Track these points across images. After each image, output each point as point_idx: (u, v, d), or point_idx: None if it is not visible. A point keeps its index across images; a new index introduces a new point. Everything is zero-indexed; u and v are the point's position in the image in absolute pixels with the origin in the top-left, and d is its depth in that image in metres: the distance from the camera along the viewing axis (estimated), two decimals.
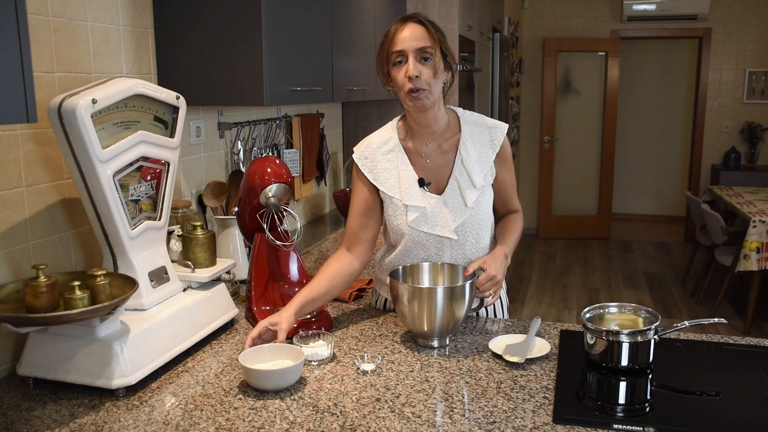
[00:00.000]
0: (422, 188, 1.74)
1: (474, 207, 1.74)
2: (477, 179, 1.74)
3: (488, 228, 1.81)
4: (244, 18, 1.90)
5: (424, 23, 1.64)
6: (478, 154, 1.76)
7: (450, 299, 1.56)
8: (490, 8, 5.06)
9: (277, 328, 1.57)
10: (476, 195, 1.74)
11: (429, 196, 1.74)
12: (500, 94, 5.42)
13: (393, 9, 3.29)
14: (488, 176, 1.78)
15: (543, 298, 5.44)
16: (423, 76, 1.61)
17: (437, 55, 1.63)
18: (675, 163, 8.35)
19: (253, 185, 1.78)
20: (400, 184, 1.74)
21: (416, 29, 1.63)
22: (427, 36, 1.62)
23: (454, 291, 1.58)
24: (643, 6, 6.83)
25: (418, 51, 1.62)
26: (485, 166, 1.76)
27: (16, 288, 1.44)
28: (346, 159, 3.78)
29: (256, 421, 1.29)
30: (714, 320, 1.59)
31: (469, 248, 1.79)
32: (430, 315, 1.57)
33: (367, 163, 1.77)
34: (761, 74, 6.89)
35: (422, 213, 1.72)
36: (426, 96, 1.63)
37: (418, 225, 1.73)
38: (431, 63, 1.63)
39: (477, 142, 1.77)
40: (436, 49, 1.63)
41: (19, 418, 1.32)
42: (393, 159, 1.76)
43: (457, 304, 1.58)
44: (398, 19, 1.68)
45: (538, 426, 1.26)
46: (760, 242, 4.43)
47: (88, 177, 1.44)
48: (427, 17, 1.69)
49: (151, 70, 2.01)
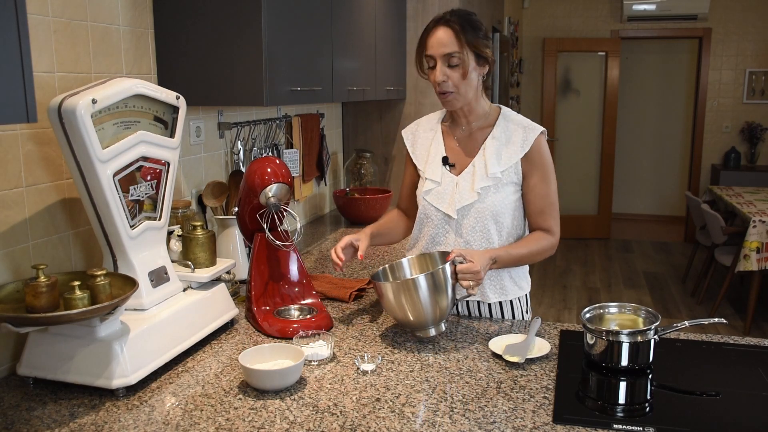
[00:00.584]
0: (444, 166, 1.83)
1: (482, 194, 1.76)
2: (492, 169, 1.76)
3: (498, 224, 1.79)
4: (244, 18, 1.90)
5: (453, 27, 1.68)
6: (504, 149, 1.78)
7: (432, 285, 1.58)
8: (490, 8, 5.06)
9: (358, 243, 1.78)
10: (486, 184, 1.76)
11: (447, 174, 1.82)
12: (500, 94, 5.42)
13: (393, 9, 3.29)
14: (510, 173, 1.78)
15: (543, 298, 5.44)
16: (451, 79, 1.71)
17: (466, 59, 1.69)
18: (675, 163, 8.35)
19: (253, 185, 1.78)
20: (428, 158, 1.86)
21: (445, 34, 1.69)
22: (454, 41, 1.68)
23: (434, 276, 1.59)
24: (643, 6, 6.83)
25: (445, 56, 1.69)
26: (509, 161, 1.77)
27: (16, 288, 1.44)
28: (346, 159, 3.78)
29: (256, 421, 1.29)
30: (714, 320, 1.59)
31: (472, 236, 1.80)
32: (416, 304, 1.59)
33: (410, 138, 1.94)
34: (761, 74, 6.90)
35: (436, 187, 1.82)
36: (454, 98, 1.74)
37: (429, 197, 1.83)
38: (459, 67, 1.70)
39: (507, 137, 1.79)
40: (465, 52, 1.69)
41: (19, 418, 1.32)
42: (430, 137, 1.89)
43: (439, 289, 1.59)
44: (432, 20, 1.74)
45: (538, 426, 1.26)
46: (760, 242, 4.43)
47: (88, 177, 1.44)
48: (462, 15, 1.72)
49: (151, 70, 2.01)
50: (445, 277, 1.61)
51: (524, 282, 1.93)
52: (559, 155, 7.47)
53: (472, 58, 1.71)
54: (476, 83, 1.76)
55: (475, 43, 1.70)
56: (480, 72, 1.75)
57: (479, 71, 1.75)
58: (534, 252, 1.80)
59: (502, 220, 1.79)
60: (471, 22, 1.71)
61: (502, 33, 5.52)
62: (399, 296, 1.60)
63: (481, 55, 1.72)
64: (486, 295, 1.86)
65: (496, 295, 1.86)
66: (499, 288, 1.86)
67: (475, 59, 1.72)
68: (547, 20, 7.33)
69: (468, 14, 1.74)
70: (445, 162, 1.84)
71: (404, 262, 1.81)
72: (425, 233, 1.87)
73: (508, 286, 1.87)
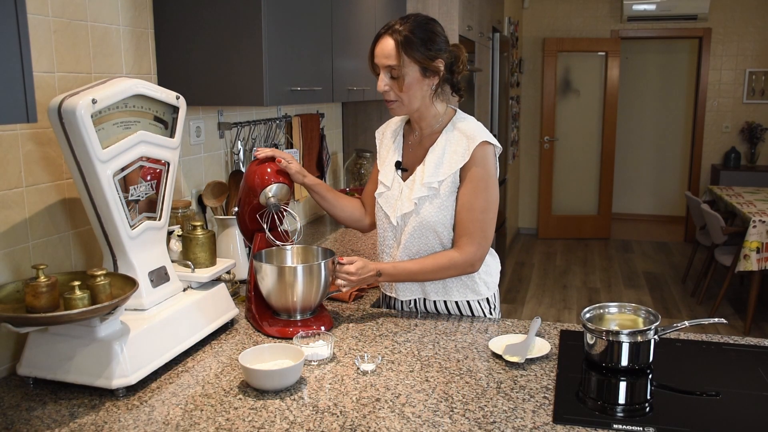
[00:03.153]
0: (397, 171, 1.84)
1: (418, 204, 1.75)
2: (427, 178, 1.74)
3: (438, 235, 1.77)
4: (244, 18, 1.90)
5: (396, 39, 1.65)
6: (445, 158, 1.74)
7: (308, 276, 1.69)
8: (490, 8, 5.06)
9: (290, 164, 1.79)
10: (422, 194, 1.74)
11: (397, 179, 1.83)
12: (500, 94, 5.42)
13: (393, 9, 3.29)
14: (449, 183, 1.74)
15: (543, 298, 5.44)
16: (393, 89, 1.71)
17: (406, 71, 1.67)
18: (675, 163, 8.35)
19: (253, 185, 1.78)
20: (386, 160, 1.88)
21: (387, 46, 1.67)
22: (394, 55, 1.66)
23: (312, 269, 1.70)
24: (643, 6, 6.83)
25: (387, 67, 1.69)
26: (448, 171, 1.73)
27: (16, 288, 1.44)
28: (346, 159, 3.78)
29: (256, 421, 1.29)
30: (714, 320, 1.60)
31: (411, 244, 1.79)
32: (293, 290, 1.69)
33: (379, 137, 1.95)
34: (761, 74, 6.89)
35: (386, 191, 1.84)
36: (397, 106, 1.74)
37: (380, 200, 1.85)
38: (400, 79, 1.68)
39: (450, 147, 1.75)
40: (405, 65, 1.66)
41: (19, 418, 1.32)
42: (393, 138, 1.90)
43: (311, 280, 1.70)
44: (384, 25, 1.72)
45: (538, 426, 1.26)
46: (760, 242, 4.43)
47: (88, 177, 1.44)
48: (414, 24, 1.66)
49: (151, 70, 2.01)
50: (320, 271, 1.70)
51: (481, 286, 1.85)
52: (559, 155, 7.47)
53: (417, 71, 1.67)
54: (423, 93, 1.71)
55: (419, 57, 1.65)
56: (429, 83, 1.71)
57: (427, 82, 1.70)
58: (428, 270, 1.75)
59: (441, 230, 1.76)
60: (421, 33, 1.66)
61: (502, 33, 5.52)
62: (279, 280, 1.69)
63: (427, 68, 1.68)
64: (427, 292, 1.85)
65: (437, 294, 1.85)
66: (441, 286, 1.84)
67: (420, 72, 1.68)
68: (547, 20, 7.33)
69: (420, 24, 1.67)
70: (398, 166, 1.83)
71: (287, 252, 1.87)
72: (377, 231, 1.91)
73: (452, 286, 1.84)
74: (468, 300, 1.85)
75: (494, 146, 1.74)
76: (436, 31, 1.69)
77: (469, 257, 1.74)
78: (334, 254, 1.77)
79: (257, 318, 1.76)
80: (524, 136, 7.54)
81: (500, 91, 5.41)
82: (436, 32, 1.69)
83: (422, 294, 1.87)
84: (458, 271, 1.76)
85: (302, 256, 1.87)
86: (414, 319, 1.84)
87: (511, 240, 7.14)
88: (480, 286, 1.85)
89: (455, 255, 1.75)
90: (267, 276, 1.70)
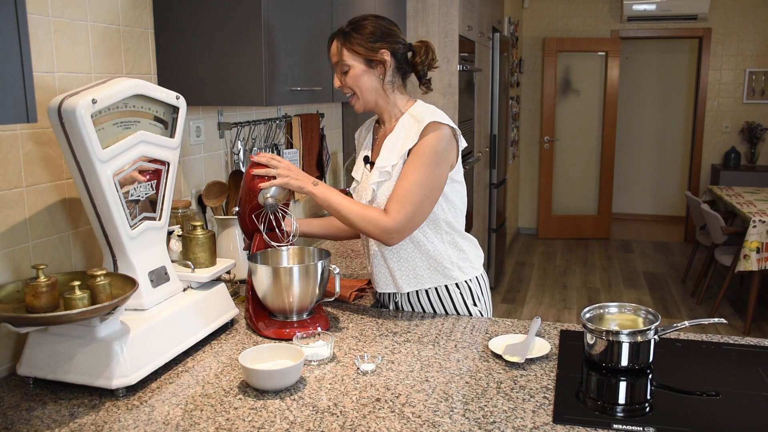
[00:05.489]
0: (366, 165, 1.90)
1: (375, 190, 1.79)
2: (381, 163, 1.78)
3: None
4: (244, 18, 1.90)
5: (338, 38, 1.80)
6: (397, 144, 1.78)
7: (305, 276, 1.70)
8: (490, 8, 5.06)
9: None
10: (379, 179, 1.78)
11: (366, 173, 1.89)
12: (500, 94, 5.42)
13: (393, 9, 3.29)
14: (399, 167, 1.76)
15: (543, 298, 5.44)
16: (346, 84, 1.81)
17: (351, 64, 1.78)
18: (675, 163, 8.35)
19: (253, 185, 1.77)
20: (359, 156, 1.96)
21: (333, 46, 1.82)
22: (337, 52, 1.80)
23: (308, 269, 1.71)
24: (643, 6, 6.83)
25: (337, 65, 1.82)
26: (399, 155, 1.76)
27: (16, 288, 1.44)
28: (346, 159, 3.78)
29: (256, 421, 1.29)
30: (714, 320, 1.60)
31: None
32: (289, 291, 1.69)
33: (357, 136, 2.04)
34: (761, 74, 6.89)
35: (357, 185, 1.91)
36: (356, 100, 1.83)
37: (354, 194, 1.92)
38: (348, 73, 1.79)
39: (403, 132, 1.78)
40: (349, 59, 1.78)
41: (19, 418, 1.32)
42: (366, 136, 1.98)
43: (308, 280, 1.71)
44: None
45: (538, 426, 1.26)
46: (760, 242, 4.43)
47: (88, 177, 1.44)
48: (351, 24, 1.80)
49: (151, 70, 2.01)
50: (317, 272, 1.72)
51: (454, 271, 1.84)
52: (559, 155, 7.47)
53: (361, 62, 1.77)
54: (373, 84, 1.79)
55: (360, 50, 1.76)
56: (378, 73, 1.78)
57: (375, 73, 1.78)
58: (353, 211, 1.71)
59: None
60: (357, 28, 1.78)
61: (502, 33, 5.52)
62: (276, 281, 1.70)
63: (371, 59, 1.77)
64: (399, 285, 1.85)
65: (409, 284, 1.84)
66: (412, 276, 1.84)
67: (365, 63, 1.77)
68: (547, 20, 7.33)
69: (357, 21, 1.80)
70: (366, 161, 1.90)
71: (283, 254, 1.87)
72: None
73: (423, 273, 1.84)
74: (445, 285, 1.85)
75: (449, 127, 1.74)
76: (378, 24, 1.79)
77: (392, 224, 1.70)
78: (330, 255, 1.78)
79: (253, 319, 1.76)
80: (524, 136, 7.54)
81: (500, 91, 5.41)
82: (378, 25, 1.79)
83: (395, 288, 1.87)
84: (377, 230, 1.71)
85: (298, 257, 1.87)
86: (414, 319, 1.84)
87: (511, 240, 7.14)
88: (453, 271, 1.84)
89: (382, 215, 1.72)
90: (262, 277, 1.70)
